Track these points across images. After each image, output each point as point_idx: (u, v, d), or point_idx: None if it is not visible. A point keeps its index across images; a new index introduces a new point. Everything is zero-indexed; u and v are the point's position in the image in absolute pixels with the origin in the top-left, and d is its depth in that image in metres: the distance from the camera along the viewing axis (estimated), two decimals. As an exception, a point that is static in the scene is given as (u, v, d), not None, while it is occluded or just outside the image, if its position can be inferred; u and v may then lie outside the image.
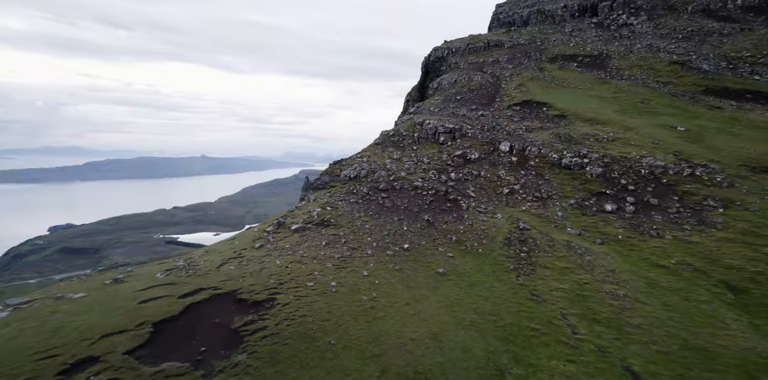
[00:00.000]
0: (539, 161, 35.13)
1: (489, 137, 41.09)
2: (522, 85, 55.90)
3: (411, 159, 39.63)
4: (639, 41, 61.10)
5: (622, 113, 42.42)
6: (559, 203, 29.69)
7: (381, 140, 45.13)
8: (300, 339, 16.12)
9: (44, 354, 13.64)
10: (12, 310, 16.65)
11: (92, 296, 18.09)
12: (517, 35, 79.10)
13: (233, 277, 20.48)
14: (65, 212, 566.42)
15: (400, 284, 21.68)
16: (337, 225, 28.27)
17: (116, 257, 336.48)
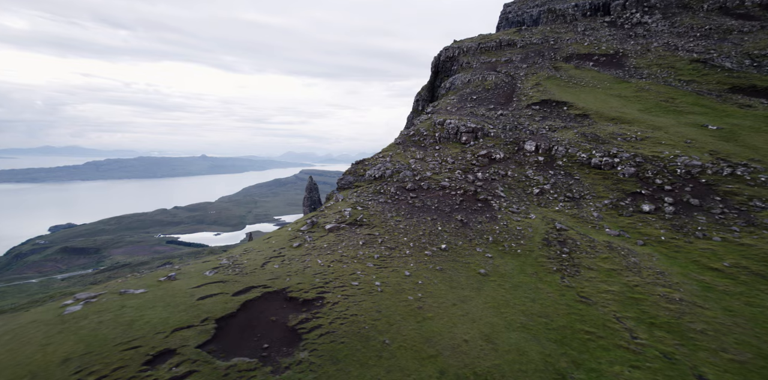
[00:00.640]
0: (567, 161, 34.73)
1: (512, 136, 40.71)
2: (539, 85, 55.47)
3: (435, 159, 39.25)
4: (655, 40, 60.67)
5: (647, 112, 41.99)
6: (593, 204, 29.24)
7: (401, 139, 44.77)
8: (355, 338, 16.12)
9: (127, 345, 14.10)
10: (84, 304, 17.13)
11: (151, 292, 18.45)
12: (529, 34, 78.68)
13: (279, 276, 20.58)
14: (66, 212, 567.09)
15: (444, 284, 21.36)
16: (371, 225, 28.02)
17: (117, 257, 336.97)
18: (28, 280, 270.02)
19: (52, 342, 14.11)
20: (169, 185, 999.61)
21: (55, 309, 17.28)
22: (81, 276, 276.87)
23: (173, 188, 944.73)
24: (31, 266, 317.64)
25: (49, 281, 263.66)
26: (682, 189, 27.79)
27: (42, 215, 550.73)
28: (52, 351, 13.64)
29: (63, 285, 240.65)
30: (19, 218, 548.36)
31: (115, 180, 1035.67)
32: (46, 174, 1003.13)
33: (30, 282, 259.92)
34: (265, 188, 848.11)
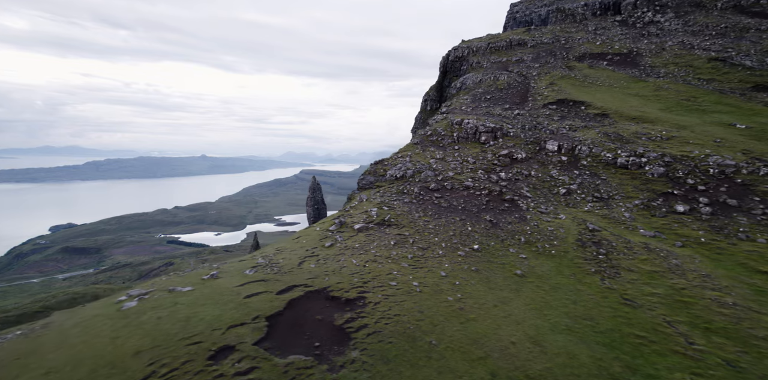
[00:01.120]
0: (592, 161, 34.32)
1: (532, 136, 40.32)
2: (553, 84, 55.10)
3: (455, 159, 38.87)
4: (669, 38, 60.29)
5: (669, 111, 41.59)
6: (623, 204, 28.80)
7: (419, 139, 44.40)
8: (402, 338, 15.96)
9: (189, 340, 14.34)
10: (138, 300, 17.45)
11: (198, 290, 18.57)
12: (539, 34, 78.31)
13: (318, 275, 20.50)
14: (66, 212, 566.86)
15: (481, 285, 21.01)
16: (399, 225, 27.73)
17: (118, 257, 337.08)
18: (30, 280, 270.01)
19: (120, 336, 14.53)
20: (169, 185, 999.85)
21: (112, 304, 17.66)
22: (82, 276, 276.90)
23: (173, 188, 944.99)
24: (32, 266, 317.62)
25: (51, 281, 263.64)
26: (717, 189, 27.36)
27: (42, 215, 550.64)
28: (123, 344, 14.02)
29: (65, 285, 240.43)
30: (20, 218, 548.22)
31: (115, 180, 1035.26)
32: (46, 174, 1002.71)
33: (31, 282, 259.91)
34: (265, 188, 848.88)
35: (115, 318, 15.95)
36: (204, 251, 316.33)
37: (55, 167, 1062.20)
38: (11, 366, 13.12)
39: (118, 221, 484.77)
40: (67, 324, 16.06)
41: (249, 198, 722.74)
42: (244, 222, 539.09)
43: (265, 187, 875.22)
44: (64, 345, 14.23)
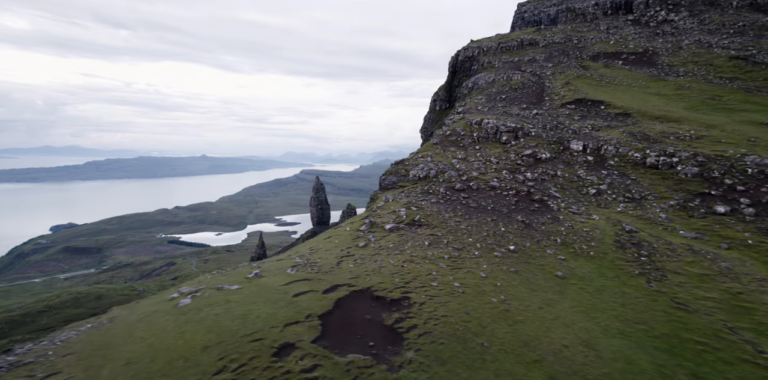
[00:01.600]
0: (619, 161, 33.73)
1: (554, 136, 39.73)
2: (569, 84, 54.55)
3: (478, 159, 38.31)
4: (685, 37, 59.71)
5: (693, 110, 40.98)
6: (658, 205, 28.18)
7: (438, 140, 43.84)
8: (453, 340, 15.62)
9: (251, 337, 14.34)
10: (191, 297, 17.52)
11: (246, 288, 18.49)
12: (551, 34, 77.76)
13: (359, 275, 20.25)
14: (66, 212, 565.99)
15: (523, 287, 20.49)
16: (431, 225, 27.26)
17: (119, 257, 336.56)
18: (31, 280, 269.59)
19: (185, 331, 14.68)
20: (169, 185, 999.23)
21: (165, 301, 17.82)
22: (84, 276, 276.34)
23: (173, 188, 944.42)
24: (34, 265, 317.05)
25: (52, 281, 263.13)
26: (758, 190, 26.72)
27: (42, 214, 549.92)
28: (191, 339, 14.16)
29: (66, 285, 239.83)
30: (20, 217, 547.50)
31: (116, 180, 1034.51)
32: (46, 174, 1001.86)
33: (33, 282, 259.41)
34: (265, 188, 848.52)
35: (175, 314, 16.13)
36: (206, 251, 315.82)
37: (55, 167, 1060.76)
38: (93, 356, 13.46)
39: (118, 221, 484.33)
40: (131, 318, 16.37)
41: (249, 198, 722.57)
42: (244, 222, 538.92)
43: (265, 187, 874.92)
44: (134, 338, 14.52)
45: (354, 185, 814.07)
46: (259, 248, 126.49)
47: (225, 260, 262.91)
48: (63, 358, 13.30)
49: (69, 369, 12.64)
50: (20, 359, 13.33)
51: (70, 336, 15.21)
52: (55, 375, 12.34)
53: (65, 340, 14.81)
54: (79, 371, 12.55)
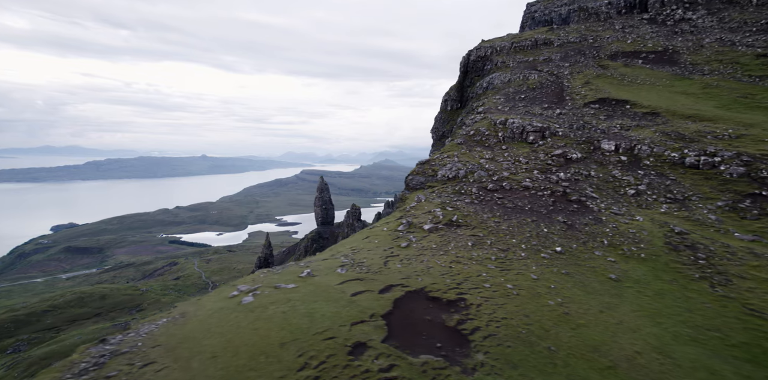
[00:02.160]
0: (655, 161, 33.27)
1: (583, 135, 39.30)
2: (589, 84, 54.16)
3: (506, 159, 37.90)
4: (706, 36, 59.30)
5: (726, 108, 40.51)
6: (704, 206, 27.65)
7: (462, 140, 43.42)
8: (518, 342, 15.15)
9: (322, 335, 14.07)
10: (252, 295, 17.35)
11: (303, 287, 18.16)
12: (564, 33, 77.44)
13: (409, 275, 19.82)
14: (67, 212, 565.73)
15: (578, 289, 19.99)
16: (470, 226, 26.83)
17: (120, 257, 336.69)
18: (33, 279, 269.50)
19: (258, 327, 14.57)
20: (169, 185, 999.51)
21: (227, 298, 17.63)
22: (86, 276, 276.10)
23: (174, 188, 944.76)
24: (35, 265, 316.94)
25: (54, 281, 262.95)
26: (811, 190, 26.29)
27: (43, 214, 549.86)
28: (265, 335, 14.07)
29: (68, 285, 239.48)
30: (21, 217, 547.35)
31: (116, 180, 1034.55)
32: (46, 174, 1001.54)
33: (35, 282, 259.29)
34: (266, 188, 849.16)
35: (242, 311, 15.98)
36: (207, 251, 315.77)
37: (55, 167, 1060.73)
38: (179, 348, 13.69)
39: (119, 221, 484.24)
40: (201, 314, 16.29)
41: (250, 198, 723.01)
42: (245, 222, 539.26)
43: (265, 187, 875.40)
44: (212, 333, 14.56)
45: (354, 185, 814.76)
46: (266, 249, 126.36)
47: (227, 260, 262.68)
48: (152, 349, 13.64)
49: (161, 360, 12.98)
50: (117, 348, 13.72)
51: (152, 328, 15.36)
52: (151, 364, 12.72)
53: (149, 333, 14.99)
54: (170, 361, 12.86)
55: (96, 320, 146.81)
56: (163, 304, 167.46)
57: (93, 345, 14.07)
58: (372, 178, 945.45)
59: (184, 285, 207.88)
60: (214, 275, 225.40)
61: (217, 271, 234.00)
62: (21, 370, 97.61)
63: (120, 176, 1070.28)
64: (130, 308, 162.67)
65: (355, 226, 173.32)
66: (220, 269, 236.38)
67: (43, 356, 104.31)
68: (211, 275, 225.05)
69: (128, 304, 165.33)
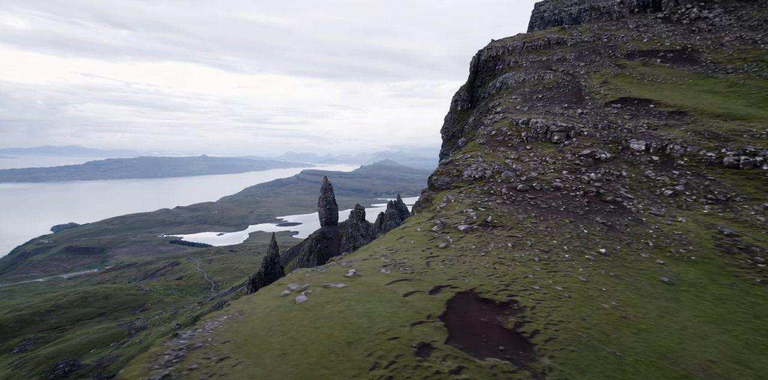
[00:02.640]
0: (690, 160, 32.56)
1: (609, 135, 38.62)
2: (607, 83, 53.49)
3: (532, 159, 37.25)
4: (725, 34, 58.62)
5: (757, 107, 39.73)
6: (751, 207, 26.85)
7: (484, 140, 42.75)
8: (582, 347, 14.54)
9: (385, 335, 13.88)
10: (304, 294, 17.15)
11: (352, 287, 17.94)
12: (577, 33, 76.76)
13: (455, 276, 19.42)
14: (67, 212, 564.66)
15: (631, 292, 19.28)
16: (505, 226, 26.24)
17: (122, 257, 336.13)
18: (35, 279, 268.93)
19: (320, 326, 14.45)
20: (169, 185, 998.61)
21: (280, 297, 17.51)
22: (87, 276, 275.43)
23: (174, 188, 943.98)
24: (36, 265, 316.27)
25: (56, 281, 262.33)
26: None
27: (43, 214, 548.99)
28: (329, 334, 13.95)
29: (70, 285, 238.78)
30: (21, 217, 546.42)
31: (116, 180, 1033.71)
32: (47, 174, 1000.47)
33: (36, 282, 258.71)
34: (266, 188, 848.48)
35: (300, 309, 15.88)
36: (209, 251, 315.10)
37: (56, 167, 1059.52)
38: (247, 345, 13.64)
39: (120, 221, 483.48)
40: (259, 312, 16.17)
41: (250, 198, 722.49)
42: (246, 222, 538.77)
43: (266, 187, 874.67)
44: (275, 331, 14.48)
45: (354, 185, 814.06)
46: (272, 248, 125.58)
47: (229, 261, 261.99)
48: (223, 345, 13.66)
49: (234, 355, 12.97)
50: (191, 343, 13.83)
51: (216, 325, 15.33)
52: (226, 359, 12.78)
53: (215, 329, 14.96)
54: (243, 357, 12.84)
55: (100, 319, 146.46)
56: (166, 304, 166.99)
57: (168, 339, 14.26)
58: (372, 178, 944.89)
59: (186, 284, 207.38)
60: (216, 275, 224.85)
61: (219, 271, 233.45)
62: (29, 369, 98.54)
63: (120, 176, 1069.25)
64: (134, 308, 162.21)
65: (359, 226, 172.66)
66: (222, 270, 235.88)
67: (50, 355, 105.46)
68: (213, 275, 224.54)
69: (131, 304, 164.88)
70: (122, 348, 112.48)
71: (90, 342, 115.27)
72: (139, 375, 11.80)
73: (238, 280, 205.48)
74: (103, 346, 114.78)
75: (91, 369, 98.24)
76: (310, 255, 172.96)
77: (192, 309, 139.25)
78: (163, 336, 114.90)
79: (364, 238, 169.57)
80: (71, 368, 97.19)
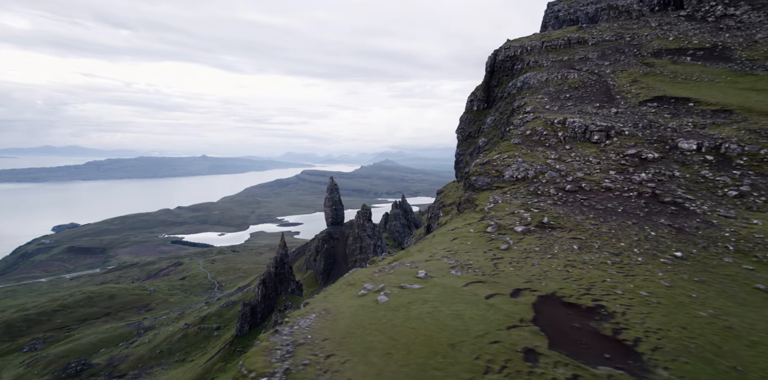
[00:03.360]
0: (750, 160, 31.28)
1: (653, 134, 37.44)
2: (637, 82, 52.36)
3: (574, 159, 36.10)
4: (757, 31, 57.43)
5: (808, 104, 38.59)
6: (833, 209, 25.73)
7: (519, 140, 41.58)
8: (694, 359, 13.39)
9: (485, 338, 13.41)
10: (384, 295, 16.67)
11: (429, 288, 17.31)
12: (597, 32, 75.61)
13: (529, 279, 18.64)
14: (67, 212, 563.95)
15: (725, 300, 18.00)
16: (564, 228, 25.17)
17: (123, 257, 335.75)
18: (37, 279, 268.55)
19: (415, 327, 14.07)
20: (169, 185, 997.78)
21: (358, 297, 17.16)
22: (90, 276, 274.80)
23: (174, 188, 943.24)
24: (39, 265, 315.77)
25: (58, 281, 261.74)
26: None
27: (44, 214, 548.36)
28: (428, 335, 13.53)
29: (73, 285, 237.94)
30: (22, 217, 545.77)
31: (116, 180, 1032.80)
32: (47, 174, 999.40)
33: (39, 282, 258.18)
34: (267, 189, 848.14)
35: (385, 309, 15.51)
36: (211, 251, 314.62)
37: (56, 167, 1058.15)
38: (346, 343, 13.43)
39: (121, 221, 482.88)
40: (346, 311, 15.83)
41: (251, 199, 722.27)
42: (247, 223, 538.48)
43: (266, 187, 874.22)
44: (370, 330, 14.17)
45: (355, 185, 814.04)
46: (281, 249, 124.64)
47: (231, 261, 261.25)
48: (323, 342, 13.49)
49: (339, 353, 12.80)
50: (294, 339, 13.70)
51: (309, 323, 15.10)
52: (332, 356, 12.63)
53: (309, 327, 14.76)
54: (348, 355, 12.65)
55: (106, 319, 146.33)
56: (171, 304, 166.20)
57: (271, 335, 14.23)
58: (372, 178, 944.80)
59: (190, 285, 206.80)
60: (219, 275, 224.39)
61: (222, 271, 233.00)
62: (40, 368, 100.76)
63: (120, 176, 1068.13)
64: (139, 307, 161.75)
65: (365, 226, 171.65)
66: (225, 270, 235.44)
67: (61, 354, 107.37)
68: (216, 275, 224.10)
69: (136, 304, 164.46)
70: (132, 347, 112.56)
71: (99, 342, 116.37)
72: (264, 367, 11.85)
73: (241, 280, 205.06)
74: (113, 345, 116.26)
75: (102, 368, 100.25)
76: (317, 255, 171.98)
77: (199, 308, 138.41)
78: (172, 336, 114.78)
79: (371, 238, 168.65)
80: (83, 367, 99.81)
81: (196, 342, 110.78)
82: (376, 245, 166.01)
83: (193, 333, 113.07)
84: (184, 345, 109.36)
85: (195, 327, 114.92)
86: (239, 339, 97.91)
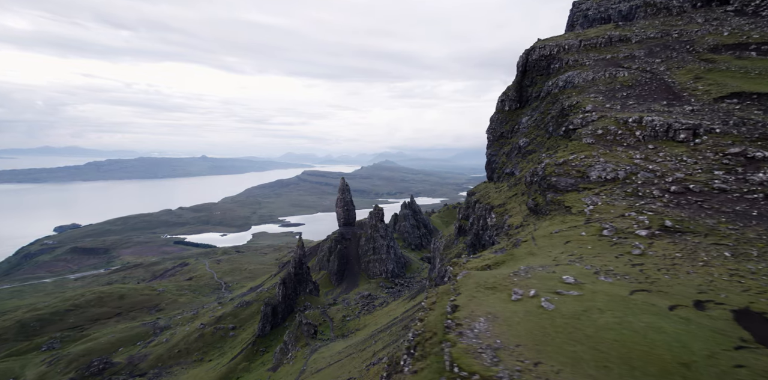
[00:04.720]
0: None
1: (754, 132, 34.82)
2: (701, 78, 49.98)
3: (664, 159, 33.62)
4: (820, 27, 55.33)
5: None
6: None
7: (592, 139, 39.17)
8: None
9: (719, 360, 11.70)
10: (546, 300, 15.16)
11: (589, 295, 15.53)
12: (639, 29, 73.28)
13: (700, 290, 16.53)
14: (68, 212, 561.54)
15: None
16: (697, 233, 22.60)
17: (127, 257, 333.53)
18: (42, 280, 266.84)
19: (618, 339, 12.57)
20: (170, 186, 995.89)
21: (512, 302, 15.52)
22: (94, 276, 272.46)
23: (174, 188, 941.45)
24: (42, 266, 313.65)
25: (63, 281, 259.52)
26: None
27: (45, 215, 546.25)
28: (641, 350, 12.07)
29: (78, 285, 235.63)
30: (22, 218, 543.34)
31: (116, 181, 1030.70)
32: (47, 174, 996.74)
33: (44, 282, 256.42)
34: (267, 189, 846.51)
35: (560, 317, 14.02)
36: (215, 251, 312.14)
37: (56, 168, 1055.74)
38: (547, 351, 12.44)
39: (123, 221, 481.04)
40: (512, 317, 14.41)
41: (252, 199, 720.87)
42: (248, 223, 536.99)
43: (267, 188, 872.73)
44: (557, 338, 12.93)
45: (355, 186, 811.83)
46: (299, 249, 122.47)
47: (237, 261, 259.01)
48: (517, 348, 12.52)
49: (545, 361, 11.84)
50: (488, 343, 12.78)
51: (483, 327, 13.92)
52: (540, 364, 11.72)
53: (489, 330, 13.70)
54: (557, 364, 11.64)
55: (117, 319, 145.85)
56: (181, 304, 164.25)
57: (458, 336, 13.53)
58: (373, 179, 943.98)
59: (197, 285, 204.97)
60: (225, 275, 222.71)
61: (228, 272, 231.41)
62: (63, 366, 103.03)
63: (120, 177, 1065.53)
64: (149, 308, 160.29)
65: (378, 227, 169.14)
66: (231, 270, 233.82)
67: (82, 353, 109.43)
68: (222, 275, 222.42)
69: (146, 304, 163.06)
70: (150, 346, 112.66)
71: (118, 341, 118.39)
72: (485, 371, 11.23)
73: (248, 281, 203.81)
74: (131, 345, 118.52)
75: (122, 367, 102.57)
76: (330, 256, 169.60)
77: (213, 308, 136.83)
78: (189, 335, 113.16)
79: (384, 239, 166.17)
80: (104, 365, 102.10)
81: (213, 342, 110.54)
82: (389, 246, 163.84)
83: (210, 332, 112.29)
84: (201, 345, 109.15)
85: (211, 327, 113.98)
86: (261, 339, 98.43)
